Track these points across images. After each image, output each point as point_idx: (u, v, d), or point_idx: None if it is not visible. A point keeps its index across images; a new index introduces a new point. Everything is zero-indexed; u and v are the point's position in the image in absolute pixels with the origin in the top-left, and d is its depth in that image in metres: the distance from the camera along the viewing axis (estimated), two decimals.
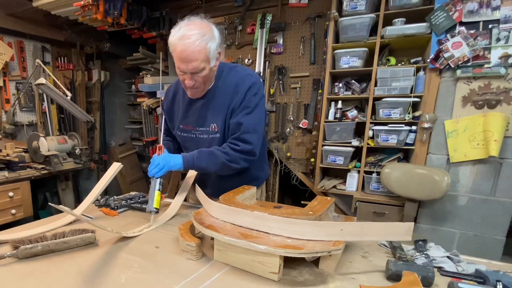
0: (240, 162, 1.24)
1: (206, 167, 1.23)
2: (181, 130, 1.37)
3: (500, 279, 0.73)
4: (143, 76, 3.60)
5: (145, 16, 2.92)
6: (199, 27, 1.11)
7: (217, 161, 1.22)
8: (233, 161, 1.22)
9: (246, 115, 1.22)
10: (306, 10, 2.66)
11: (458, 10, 1.91)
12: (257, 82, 1.25)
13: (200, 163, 1.22)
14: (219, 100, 1.25)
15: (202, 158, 1.22)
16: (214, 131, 1.28)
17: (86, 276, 0.81)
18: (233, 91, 1.23)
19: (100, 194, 1.23)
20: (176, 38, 1.10)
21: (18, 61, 3.15)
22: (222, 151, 1.22)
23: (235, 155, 1.22)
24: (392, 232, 0.83)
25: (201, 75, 1.15)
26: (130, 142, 4.37)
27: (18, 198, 2.48)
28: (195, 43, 1.08)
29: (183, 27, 1.11)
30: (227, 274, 0.83)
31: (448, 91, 2.02)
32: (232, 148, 1.22)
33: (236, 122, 1.21)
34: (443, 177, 1.91)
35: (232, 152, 1.21)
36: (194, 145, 1.31)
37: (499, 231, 1.99)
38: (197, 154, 1.23)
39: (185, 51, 1.09)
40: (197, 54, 1.09)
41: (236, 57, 2.98)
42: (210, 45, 1.11)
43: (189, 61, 1.10)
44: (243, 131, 1.21)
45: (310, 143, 2.75)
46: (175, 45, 1.11)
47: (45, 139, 2.60)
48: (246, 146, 1.22)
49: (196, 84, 1.18)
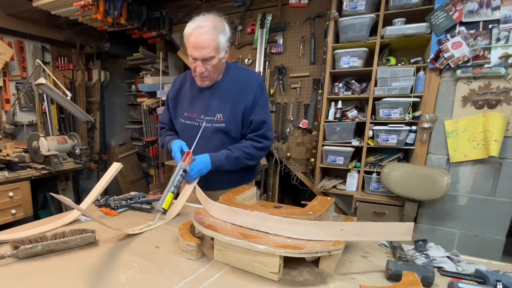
0: (257, 159, 1.39)
1: (228, 168, 1.34)
2: (185, 118, 1.41)
3: (500, 279, 0.73)
4: (143, 76, 3.60)
5: (145, 16, 2.92)
6: (212, 20, 1.22)
7: (239, 164, 1.34)
8: (253, 159, 1.37)
9: (265, 112, 1.36)
10: (306, 10, 2.66)
11: (458, 10, 1.91)
12: (262, 80, 1.41)
13: (224, 166, 1.32)
14: (227, 92, 1.34)
15: (229, 163, 1.33)
16: (220, 121, 1.34)
17: (86, 276, 0.81)
18: (243, 87, 1.34)
19: (100, 194, 1.23)
20: (191, 28, 1.21)
21: (18, 61, 3.15)
22: (246, 152, 1.33)
23: (256, 154, 1.36)
24: (392, 232, 0.83)
25: (211, 63, 1.24)
26: (130, 142, 4.38)
27: (18, 198, 2.48)
28: (208, 32, 1.18)
29: (198, 19, 1.22)
30: (227, 274, 0.83)
31: (448, 91, 2.02)
32: (255, 146, 1.34)
33: (260, 120, 1.34)
34: (443, 177, 1.91)
35: (254, 151, 1.35)
36: (195, 134, 1.33)
37: (499, 231, 1.99)
38: (225, 160, 1.32)
39: (198, 38, 1.19)
40: (209, 42, 1.19)
41: (236, 57, 2.98)
42: (221, 37, 1.22)
43: (202, 48, 1.20)
44: (267, 128, 1.36)
45: (310, 143, 2.75)
46: (190, 34, 1.21)
47: (45, 139, 2.60)
48: (268, 142, 1.37)
49: (206, 73, 1.26)
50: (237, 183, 1.40)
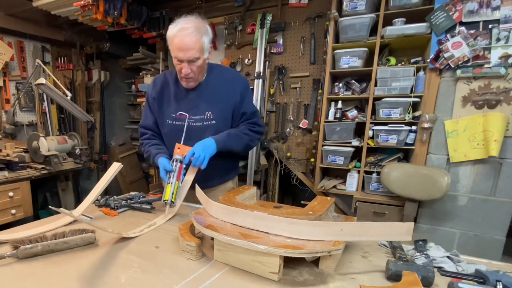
0: (255, 141, 1.48)
1: (234, 147, 1.40)
2: (173, 119, 1.42)
3: (500, 279, 0.73)
4: (143, 76, 3.60)
5: (145, 16, 2.92)
6: (194, 22, 1.24)
7: (242, 141, 1.41)
8: (252, 140, 1.45)
9: (253, 104, 1.49)
10: (306, 10, 2.66)
11: (458, 10, 1.91)
12: (245, 78, 1.55)
13: (230, 144, 1.37)
14: (214, 91, 1.39)
15: (231, 140, 1.37)
16: (210, 118, 1.39)
17: (86, 276, 0.81)
18: (230, 84, 1.41)
19: (100, 194, 1.22)
20: (175, 30, 1.23)
21: (18, 61, 3.15)
22: (244, 132, 1.42)
23: (254, 136, 1.45)
24: (392, 232, 0.83)
25: (196, 64, 1.27)
26: (130, 142, 4.37)
27: (18, 198, 2.48)
28: (192, 33, 1.21)
29: (181, 22, 1.24)
30: (227, 274, 0.83)
31: (448, 91, 2.02)
32: (251, 129, 1.44)
33: (252, 111, 1.45)
34: (443, 177, 1.91)
35: (252, 133, 1.44)
36: (181, 134, 1.34)
37: (499, 231, 1.99)
38: (227, 137, 1.36)
39: (183, 40, 1.21)
40: (194, 43, 1.22)
41: (236, 57, 2.98)
42: (204, 38, 1.25)
43: (187, 50, 1.22)
44: (258, 116, 1.49)
45: (310, 143, 2.75)
46: (174, 36, 1.23)
47: (45, 139, 2.60)
48: (261, 128, 1.49)
49: (191, 74, 1.29)
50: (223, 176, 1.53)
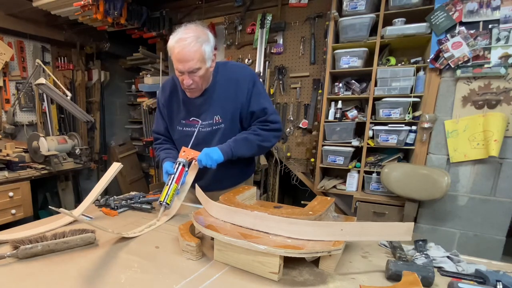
0: (271, 139, 1.38)
1: (243, 153, 1.33)
2: (183, 125, 1.41)
3: (500, 279, 0.73)
4: (143, 76, 3.60)
5: (145, 16, 2.92)
6: (194, 31, 1.20)
7: (252, 145, 1.33)
8: (266, 140, 1.36)
9: (264, 100, 1.36)
10: (306, 10, 2.66)
11: (458, 10, 1.91)
12: (253, 71, 1.42)
13: (237, 151, 1.31)
14: (221, 93, 1.34)
15: (238, 146, 1.31)
16: (218, 122, 1.36)
17: (86, 276, 0.81)
18: (236, 83, 1.34)
19: (100, 194, 1.22)
20: (174, 41, 1.20)
21: (18, 61, 3.15)
22: (254, 133, 1.34)
23: (267, 134, 1.35)
24: (392, 232, 0.83)
25: (198, 75, 1.23)
26: (130, 142, 4.37)
27: (18, 198, 2.48)
28: (191, 44, 1.17)
29: (180, 32, 1.21)
30: (227, 274, 0.83)
31: (448, 91, 2.02)
32: (263, 129, 1.35)
33: (261, 108, 1.34)
34: (443, 177, 1.91)
35: (264, 133, 1.35)
36: (190, 140, 1.34)
37: (499, 231, 1.99)
38: (233, 144, 1.31)
39: (181, 51, 1.17)
40: (193, 54, 1.18)
41: (236, 57, 2.98)
42: (205, 47, 1.20)
43: (186, 61, 1.18)
44: (270, 113, 1.35)
45: (310, 143, 2.75)
46: (173, 48, 1.20)
47: (45, 139, 2.60)
48: (275, 125, 1.37)
49: (194, 84, 1.26)
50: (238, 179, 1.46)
